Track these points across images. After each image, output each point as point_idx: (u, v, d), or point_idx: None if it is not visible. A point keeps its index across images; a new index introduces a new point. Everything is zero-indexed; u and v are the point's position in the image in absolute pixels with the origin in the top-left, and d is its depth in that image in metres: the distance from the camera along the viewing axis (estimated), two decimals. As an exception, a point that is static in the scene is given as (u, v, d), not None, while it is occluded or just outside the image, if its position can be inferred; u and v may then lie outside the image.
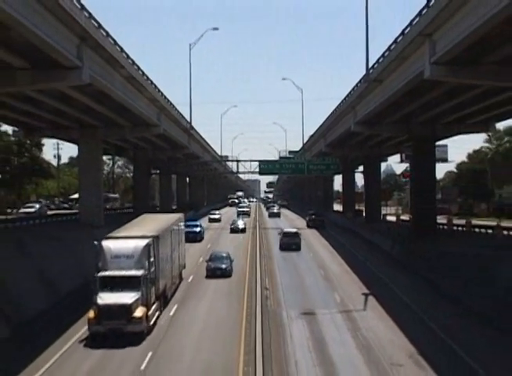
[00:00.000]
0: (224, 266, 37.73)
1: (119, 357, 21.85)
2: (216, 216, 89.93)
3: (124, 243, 25.99)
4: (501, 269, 30.31)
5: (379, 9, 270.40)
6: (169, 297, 30.80)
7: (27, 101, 39.73)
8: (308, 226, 78.94)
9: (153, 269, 25.92)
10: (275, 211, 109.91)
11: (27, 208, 65.10)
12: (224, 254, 39.86)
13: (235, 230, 68.28)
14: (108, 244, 25.82)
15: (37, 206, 65.79)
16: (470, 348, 22.51)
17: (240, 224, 70.49)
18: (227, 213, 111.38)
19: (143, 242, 25.77)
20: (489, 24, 24.06)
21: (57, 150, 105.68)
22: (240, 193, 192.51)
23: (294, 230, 59.72)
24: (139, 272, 24.51)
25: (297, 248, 54.15)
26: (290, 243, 54.58)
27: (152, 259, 25.96)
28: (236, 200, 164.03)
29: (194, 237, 56.06)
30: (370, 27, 49.41)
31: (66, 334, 24.73)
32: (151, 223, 31.98)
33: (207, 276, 37.49)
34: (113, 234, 27.61)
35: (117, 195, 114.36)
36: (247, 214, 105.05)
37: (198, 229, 59.34)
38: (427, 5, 28.87)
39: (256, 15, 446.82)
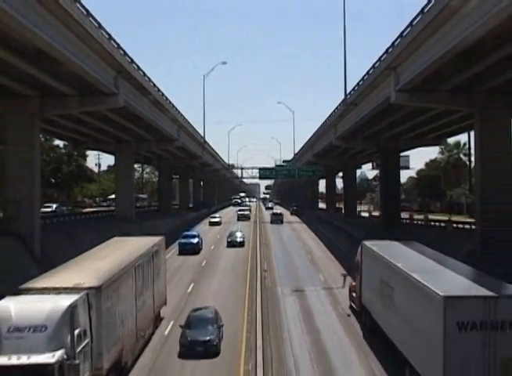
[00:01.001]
0: (208, 338, 18.31)
1: None
2: (216, 219, 73.30)
3: (34, 303, 12.63)
4: (448, 253, 30.26)
5: (359, 44, 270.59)
6: (130, 363, 17.00)
7: (75, 121, 39.82)
8: (291, 214, 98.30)
9: (85, 343, 12.88)
10: (269, 205, 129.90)
11: (44, 208, 62.79)
12: (208, 315, 19.68)
13: (232, 244, 47.51)
14: (7, 307, 12.30)
15: (54, 206, 63.53)
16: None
17: (239, 236, 49.11)
18: (229, 213, 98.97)
19: (66, 301, 12.55)
20: (441, 60, 24.09)
21: (98, 160, 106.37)
22: (243, 194, 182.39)
23: (279, 211, 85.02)
24: (53, 358, 11.32)
25: (281, 222, 74.31)
26: (276, 219, 75.89)
27: (81, 329, 12.76)
28: (239, 200, 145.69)
29: (192, 249, 42.99)
30: (352, 58, 49.46)
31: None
32: (108, 257, 17.83)
33: (180, 355, 18.15)
34: (28, 284, 14.04)
35: (145, 195, 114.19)
36: (248, 217, 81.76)
37: (196, 241, 44.31)
38: (392, 45, 28.95)
39: (259, 50, 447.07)
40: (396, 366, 16.52)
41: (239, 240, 48.31)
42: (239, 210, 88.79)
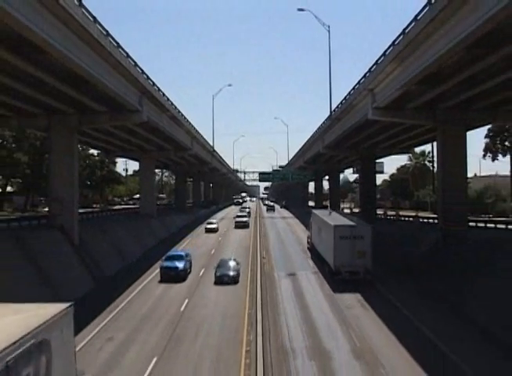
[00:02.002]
0: None
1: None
2: (213, 226, 53.97)
3: None
4: (416, 242, 30.52)
5: (346, 66, 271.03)
6: None
7: (106, 133, 39.91)
8: (281, 207, 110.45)
9: None
10: (266, 203, 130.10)
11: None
12: None
13: (222, 280, 26.40)
14: None
15: None
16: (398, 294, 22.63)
17: (231, 268, 27.30)
18: (230, 213, 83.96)
19: None
20: (408, 85, 24.32)
21: (125, 165, 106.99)
22: (244, 194, 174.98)
23: (272, 204, 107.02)
24: None
25: (273, 211, 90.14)
26: (270, 209, 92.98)
27: None
28: (240, 200, 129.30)
29: (175, 276, 27.14)
30: (339, 78, 49.47)
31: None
32: None
33: None
34: None
35: (164, 195, 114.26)
36: (247, 226, 57.96)
37: (181, 265, 27.72)
38: (369, 71, 29.12)
39: (259, 74, 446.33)
40: (372, 338, 16.70)
41: (231, 273, 26.82)
42: (237, 216, 62.15)
